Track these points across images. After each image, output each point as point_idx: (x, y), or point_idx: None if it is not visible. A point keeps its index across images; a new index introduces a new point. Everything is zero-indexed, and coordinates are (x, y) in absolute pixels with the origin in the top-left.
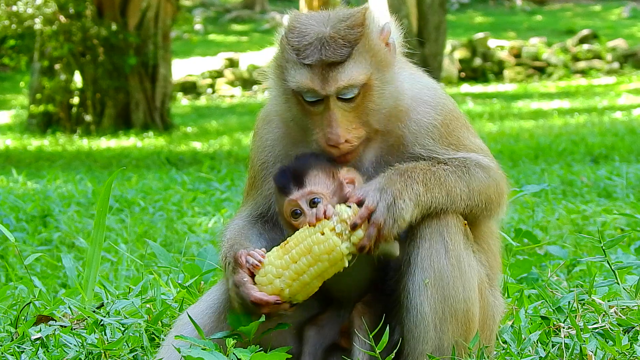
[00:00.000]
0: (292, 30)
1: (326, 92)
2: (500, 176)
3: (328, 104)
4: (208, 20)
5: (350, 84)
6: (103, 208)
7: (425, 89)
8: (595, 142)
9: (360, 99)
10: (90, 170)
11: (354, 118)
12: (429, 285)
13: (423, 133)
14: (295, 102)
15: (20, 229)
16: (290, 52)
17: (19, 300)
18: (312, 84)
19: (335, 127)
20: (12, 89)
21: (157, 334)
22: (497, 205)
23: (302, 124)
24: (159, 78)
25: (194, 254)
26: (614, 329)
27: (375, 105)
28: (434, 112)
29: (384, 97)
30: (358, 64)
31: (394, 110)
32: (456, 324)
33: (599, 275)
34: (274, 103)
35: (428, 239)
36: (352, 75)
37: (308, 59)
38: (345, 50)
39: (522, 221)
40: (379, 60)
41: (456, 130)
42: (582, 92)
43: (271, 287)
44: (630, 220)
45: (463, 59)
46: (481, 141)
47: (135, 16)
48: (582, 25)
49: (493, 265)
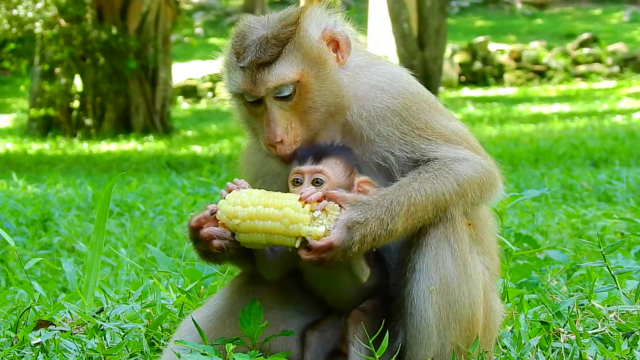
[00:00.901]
0: (237, 34)
1: (258, 93)
2: (482, 161)
3: (266, 104)
4: (208, 24)
5: (279, 84)
6: (103, 212)
7: (379, 76)
8: (595, 146)
9: (297, 98)
10: (91, 174)
11: (292, 117)
12: (435, 291)
13: (378, 119)
14: (242, 103)
15: (21, 233)
16: (231, 56)
17: (18, 305)
18: (246, 86)
19: (272, 126)
20: (12, 92)
21: (156, 339)
22: (492, 186)
23: (252, 125)
24: (159, 82)
25: (194, 259)
26: (613, 334)
27: (313, 103)
28: (388, 96)
29: (321, 95)
30: (288, 63)
31: (336, 107)
32: (460, 329)
33: (599, 280)
34: (235, 116)
35: (435, 247)
36: (280, 75)
37: (243, 61)
38: (276, 49)
39: (522, 225)
40: (313, 57)
41: (422, 113)
42: (582, 96)
43: (231, 208)
44: (630, 224)
45: (463, 62)
46: (457, 124)
47: (135, 20)
48: (582, 29)
49: (491, 265)
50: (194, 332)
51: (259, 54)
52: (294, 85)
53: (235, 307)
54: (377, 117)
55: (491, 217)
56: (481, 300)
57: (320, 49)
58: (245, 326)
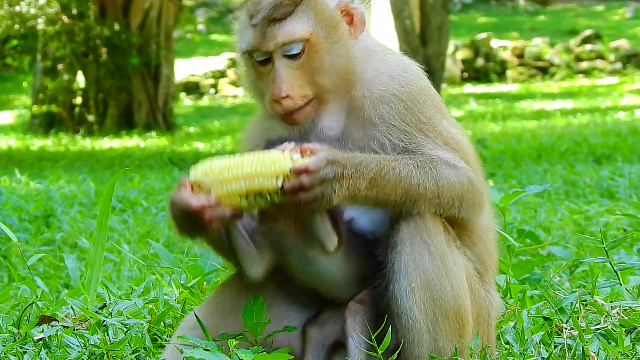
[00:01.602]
0: (252, 1)
1: (266, 48)
2: (473, 173)
3: (273, 61)
4: (211, 20)
5: (289, 40)
6: (106, 208)
7: (389, 64)
8: (597, 142)
9: (306, 57)
10: (93, 171)
11: (300, 76)
12: (416, 289)
13: (382, 102)
14: (251, 66)
15: (23, 229)
16: (245, 17)
17: (21, 301)
18: (255, 41)
19: (278, 82)
20: (14, 89)
21: (159, 335)
22: (473, 204)
23: (259, 88)
24: (162, 78)
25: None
26: (616, 329)
27: (321, 65)
28: (395, 83)
29: (331, 58)
30: (299, 21)
31: (345, 72)
32: (449, 323)
33: (602, 276)
34: (243, 81)
35: (409, 244)
36: (290, 31)
37: (254, 19)
38: (288, 8)
39: (524, 221)
40: (325, 20)
41: (427, 109)
42: (585, 93)
43: (207, 165)
44: (633, 220)
45: (466, 59)
46: (459, 132)
47: (137, 16)
48: (585, 25)
49: (485, 258)
50: (196, 328)
51: (271, 11)
52: (304, 43)
53: (237, 303)
54: (381, 99)
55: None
56: (466, 293)
57: (333, 14)
58: (247, 322)
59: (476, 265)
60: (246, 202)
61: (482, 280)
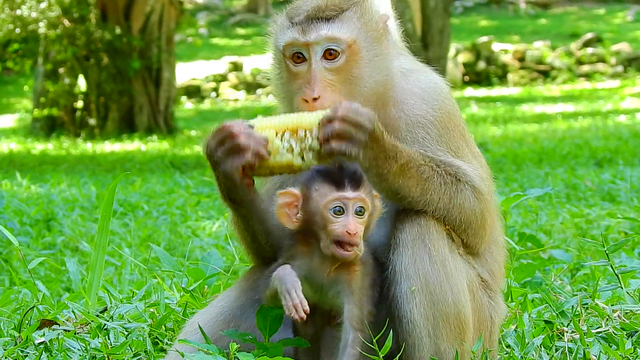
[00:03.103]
0: (293, 6)
1: (306, 40)
2: (490, 204)
3: (310, 61)
4: (212, 24)
5: (331, 37)
6: (107, 212)
7: (421, 84)
8: (599, 145)
9: (344, 63)
10: (94, 174)
11: (335, 82)
12: (417, 292)
13: (416, 126)
14: (285, 67)
15: (24, 233)
16: (284, 19)
17: (22, 305)
18: (295, 36)
19: (312, 82)
20: (16, 92)
21: (160, 338)
22: (476, 234)
23: (289, 90)
24: (163, 82)
25: (197, 258)
26: (617, 333)
27: (359, 73)
28: (429, 107)
29: (370, 67)
30: (345, 25)
31: (381, 87)
32: (449, 328)
33: (603, 279)
34: (272, 83)
35: (410, 247)
36: (334, 31)
37: (297, 18)
38: (334, 12)
39: (525, 225)
40: (369, 30)
41: (455, 138)
42: (586, 96)
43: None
44: (634, 224)
45: (467, 62)
46: (480, 162)
47: (139, 20)
48: (586, 28)
49: (492, 266)
50: (198, 332)
51: (316, 11)
52: (344, 47)
53: (241, 309)
54: (417, 124)
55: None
56: (467, 298)
57: (380, 26)
58: (260, 321)
59: (481, 272)
60: (287, 144)
61: (486, 287)
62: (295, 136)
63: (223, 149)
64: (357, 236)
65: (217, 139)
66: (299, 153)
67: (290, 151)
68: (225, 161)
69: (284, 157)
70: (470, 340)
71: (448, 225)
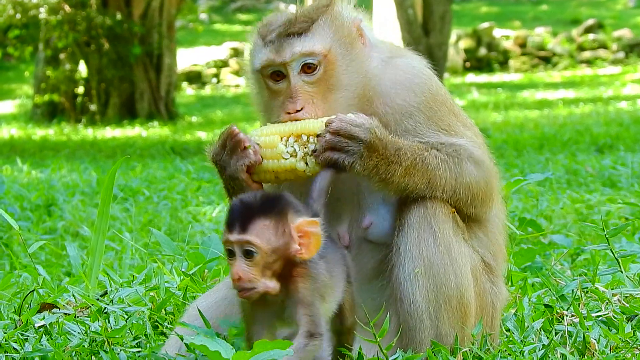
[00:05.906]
0: (264, 23)
1: (282, 59)
2: (492, 171)
3: (289, 77)
4: (213, 10)
5: (306, 52)
6: (107, 197)
7: (401, 71)
8: (600, 131)
9: (322, 74)
10: (95, 160)
11: (315, 94)
12: (420, 274)
13: (404, 116)
14: (264, 85)
15: (25, 218)
16: (256, 39)
17: (23, 288)
18: (270, 55)
19: (293, 97)
20: (16, 78)
21: (160, 322)
22: (483, 203)
23: (270, 107)
24: (164, 68)
25: (197, 243)
26: (617, 316)
27: (338, 80)
28: (412, 93)
29: (348, 72)
30: (317, 36)
31: (361, 88)
32: (451, 311)
33: (603, 263)
34: (253, 99)
35: (416, 229)
36: (307, 45)
37: (269, 36)
38: (305, 24)
39: (526, 210)
40: (342, 36)
41: (444, 115)
42: (587, 82)
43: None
44: (635, 209)
45: (468, 48)
46: (476, 130)
47: (139, 6)
48: (588, 14)
49: (495, 251)
50: (198, 320)
51: (288, 26)
52: (320, 59)
53: None
54: (403, 114)
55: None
56: (470, 282)
57: (351, 32)
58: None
59: (484, 257)
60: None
61: (489, 272)
62: (299, 141)
63: (226, 150)
64: (241, 281)
65: (219, 142)
66: (302, 157)
67: (294, 155)
68: (230, 163)
69: (287, 161)
70: (472, 325)
71: (456, 203)
